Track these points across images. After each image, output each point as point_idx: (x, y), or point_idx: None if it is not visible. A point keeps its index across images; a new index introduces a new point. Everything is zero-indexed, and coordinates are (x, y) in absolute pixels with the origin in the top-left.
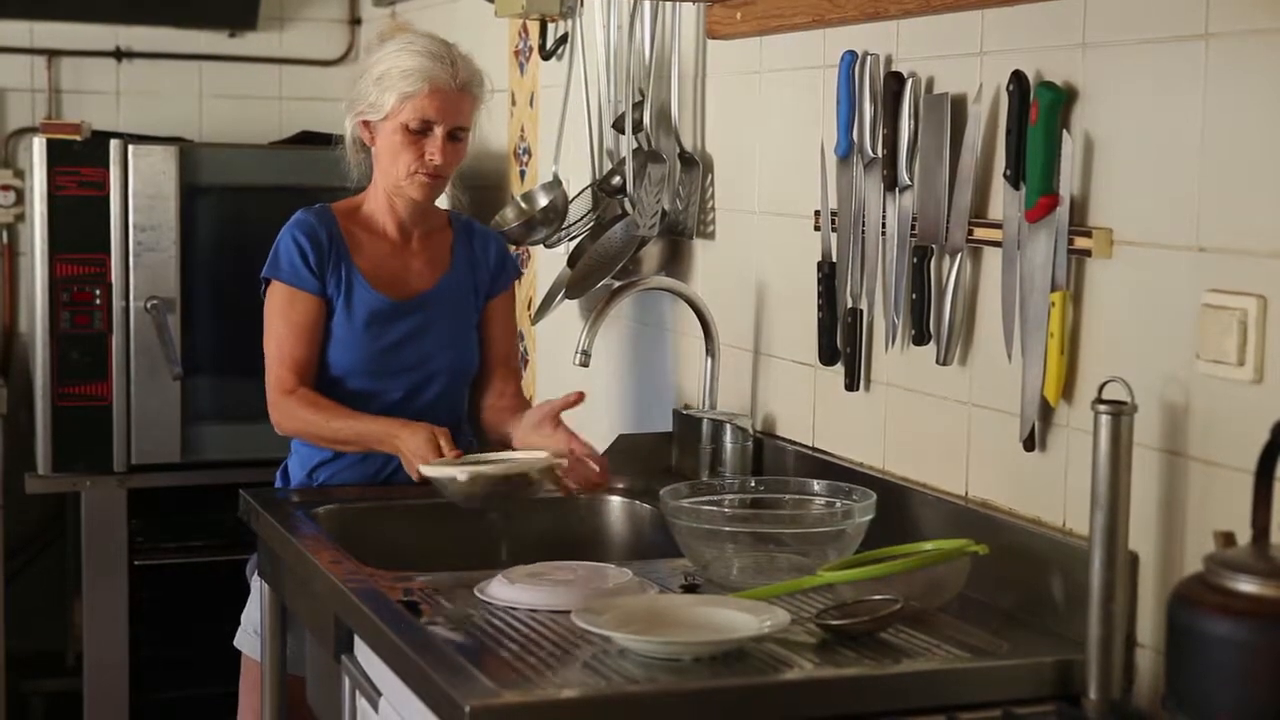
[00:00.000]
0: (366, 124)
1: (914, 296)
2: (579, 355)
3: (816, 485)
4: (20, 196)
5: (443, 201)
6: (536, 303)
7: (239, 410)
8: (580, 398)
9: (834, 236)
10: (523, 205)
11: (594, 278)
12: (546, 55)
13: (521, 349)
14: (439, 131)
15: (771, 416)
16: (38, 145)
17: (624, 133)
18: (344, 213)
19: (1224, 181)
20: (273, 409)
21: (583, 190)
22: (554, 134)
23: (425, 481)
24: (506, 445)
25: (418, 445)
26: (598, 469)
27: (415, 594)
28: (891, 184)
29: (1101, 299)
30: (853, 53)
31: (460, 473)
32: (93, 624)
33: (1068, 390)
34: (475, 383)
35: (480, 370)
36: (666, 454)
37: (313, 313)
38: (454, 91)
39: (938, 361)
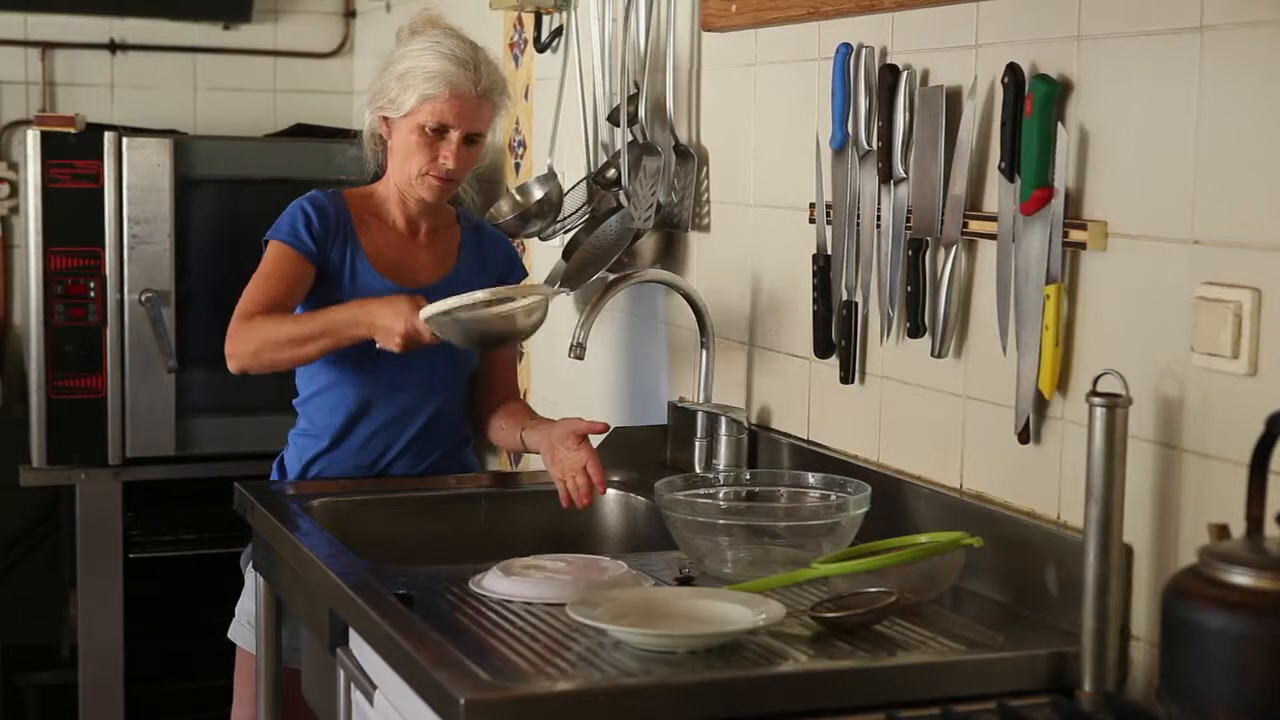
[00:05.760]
0: (385, 119)
1: (909, 289)
2: (574, 348)
3: (811, 478)
4: (14, 189)
5: None
6: None
7: (234, 403)
8: (606, 428)
9: (829, 229)
10: (517, 198)
11: (589, 270)
12: (541, 48)
13: None
14: (455, 136)
15: (766, 409)
16: (32, 138)
17: (619, 125)
18: (355, 198)
19: (1219, 174)
20: (230, 339)
21: (578, 183)
22: (549, 127)
23: (407, 349)
24: (514, 450)
25: (400, 309)
26: (589, 491)
27: (409, 587)
28: (886, 176)
29: (1096, 291)
30: (848, 45)
31: (483, 292)
32: (88, 616)
33: (1062, 383)
34: (480, 385)
35: (486, 374)
36: (661, 447)
37: (298, 270)
38: (474, 98)
39: (933, 354)
